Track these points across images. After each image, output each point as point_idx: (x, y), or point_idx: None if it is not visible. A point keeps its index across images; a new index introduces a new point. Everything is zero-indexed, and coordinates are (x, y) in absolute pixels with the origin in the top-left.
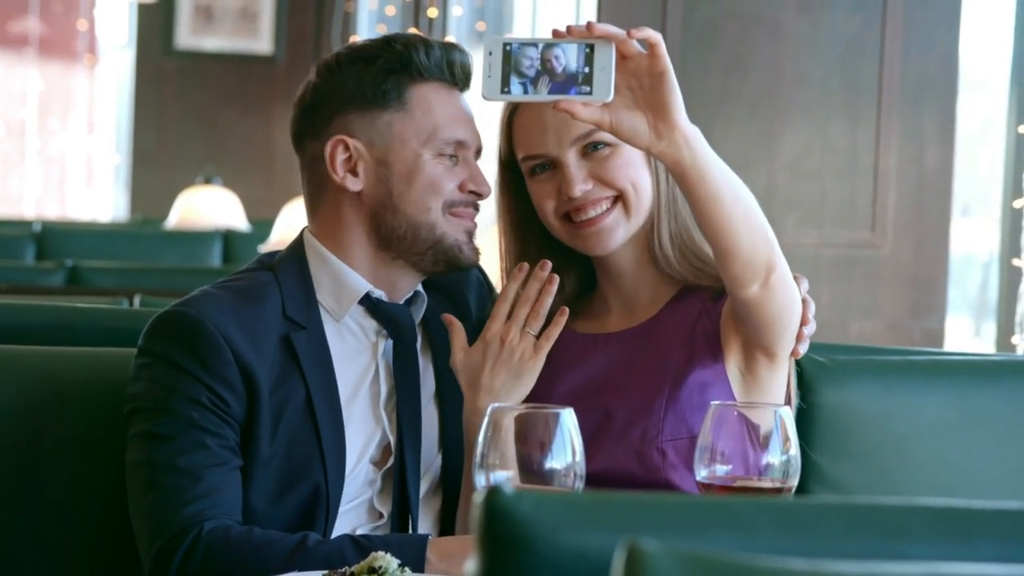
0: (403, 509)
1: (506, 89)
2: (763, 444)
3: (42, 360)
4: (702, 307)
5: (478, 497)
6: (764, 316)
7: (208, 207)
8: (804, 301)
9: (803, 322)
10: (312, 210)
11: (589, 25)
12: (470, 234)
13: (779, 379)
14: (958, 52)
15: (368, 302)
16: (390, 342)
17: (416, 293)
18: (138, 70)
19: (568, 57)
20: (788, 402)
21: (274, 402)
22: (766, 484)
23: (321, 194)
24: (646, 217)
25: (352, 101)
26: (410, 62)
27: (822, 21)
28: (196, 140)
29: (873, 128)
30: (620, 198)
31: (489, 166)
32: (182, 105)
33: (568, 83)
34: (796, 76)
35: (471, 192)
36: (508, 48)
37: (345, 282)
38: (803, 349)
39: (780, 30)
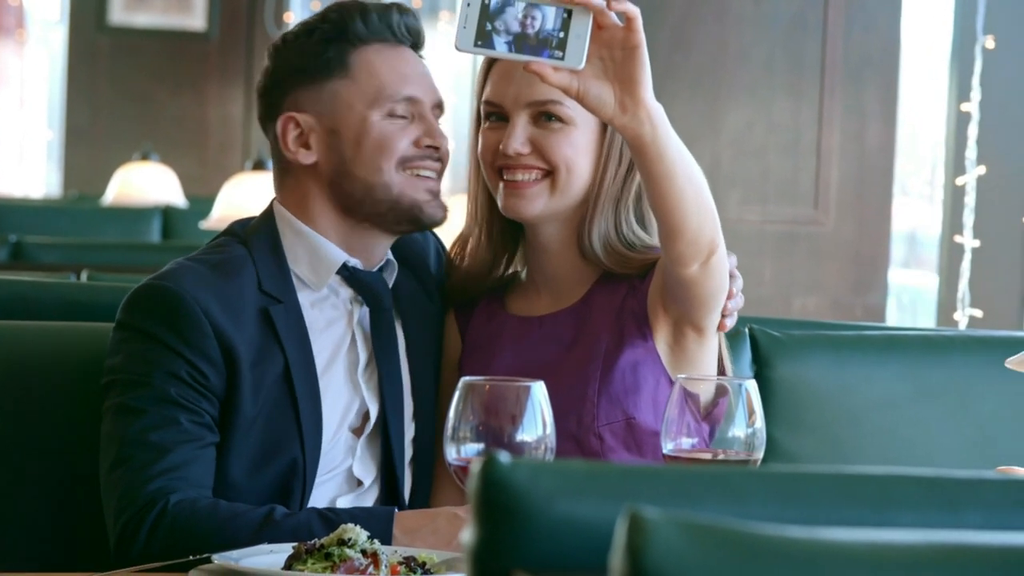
0: (389, 476)
1: (479, 42)
2: (729, 417)
3: (3, 334)
4: (629, 286)
5: (474, 466)
6: (699, 295)
7: (146, 183)
8: (732, 276)
9: (729, 296)
10: (279, 187)
11: None
12: (431, 192)
13: (709, 352)
14: (900, 30)
15: (344, 271)
16: (365, 309)
17: (387, 260)
18: (71, 46)
19: (545, 19)
20: (723, 374)
21: (255, 376)
22: (731, 457)
23: (285, 171)
24: (573, 201)
25: (297, 76)
26: (346, 28)
27: None
28: (129, 117)
29: (816, 105)
30: (551, 174)
31: (450, 124)
32: (115, 81)
33: (541, 45)
34: (740, 53)
35: (428, 147)
36: (486, 2)
37: (322, 254)
38: (730, 323)
39: (724, 8)
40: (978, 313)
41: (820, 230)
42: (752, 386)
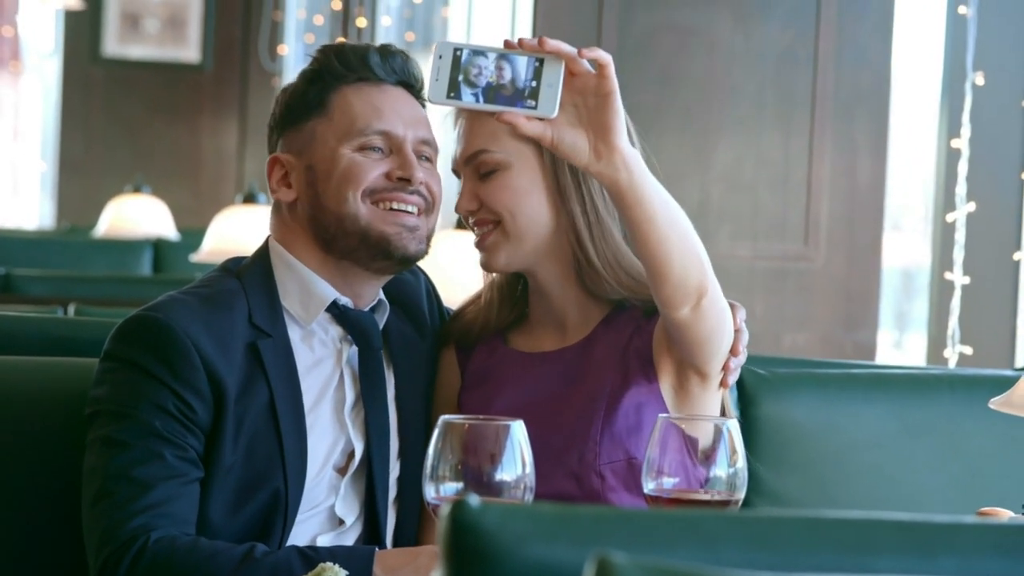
0: (371, 516)
1: (452, 94)
2: (710, 457)
3: None
4: (635, 325)
5: (444, 509)
6: (694, 338)
7: (138, 216)
8: (738, 331)
9: (733, 352)
10: (272, 224)
11: (541, 40)
12: (404, 226)
13: (713, 398)
14: (891, 65)
15: (335, 309)
16: (354, 349)
17: (379, 301)
18: (65, 78)
19: (517, 69)
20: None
21: (239, 409)
22: (713, 497)
23: (275, 210)
24: (540, 241)
25: (285, 119)
26: (325, 68)
27: (756, 34)
28: (123, 148)
29: (806, 141)
30: (500, 222)
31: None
32: (109, 113)
33: (514, 96)
34: (730, 88)
35: (400, 179)
36: (458, 54)
37: (313, 290)
38: (732, 380)
39: (714, 42)
40: (968, 350)
41: (810, 266)
42: (734, 425)
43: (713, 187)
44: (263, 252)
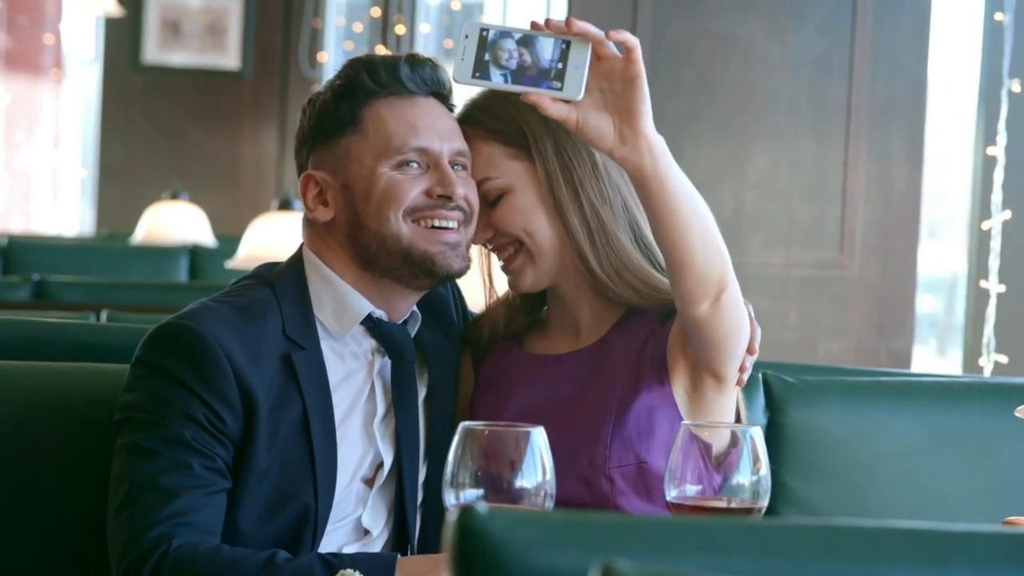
0: (399, 525)
1: (477, 74)
2: (733, 464)
3: (12, 375)
4: (649, 329)
5: (452, 516)
6: (712, 336)
7: (175, 222)
8: (752, 329)
9: (750, 351)
10: (305, 237)
11: (568, 21)
12: (447, 243)
13: (727, 402)
14: (927, 74)
15: (369, 322)
16: (386, 360)
17: (412, 312)
18: (105, 85)
19: (543, 50)
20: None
21: (273, 420)
22: (736, 504)
23: (309, 225)
24: (558, 256)
25: (315, 135)
26: (356, 84)
27: (791, 41)
28: (162, 155)
29: (841, 149)
30: (522, 244)
31: None
32: (149, 120)
33: (540, 76)
34: (765, 96)
35: (440, 197)
36: (485, 33)
37: (348, 303)
38: (745, 378)
39: (750, 50)
40: (1004, 359)
41: (845, 274)
42: (757, 433)
43: (748, 195)
44: (297, 260)
